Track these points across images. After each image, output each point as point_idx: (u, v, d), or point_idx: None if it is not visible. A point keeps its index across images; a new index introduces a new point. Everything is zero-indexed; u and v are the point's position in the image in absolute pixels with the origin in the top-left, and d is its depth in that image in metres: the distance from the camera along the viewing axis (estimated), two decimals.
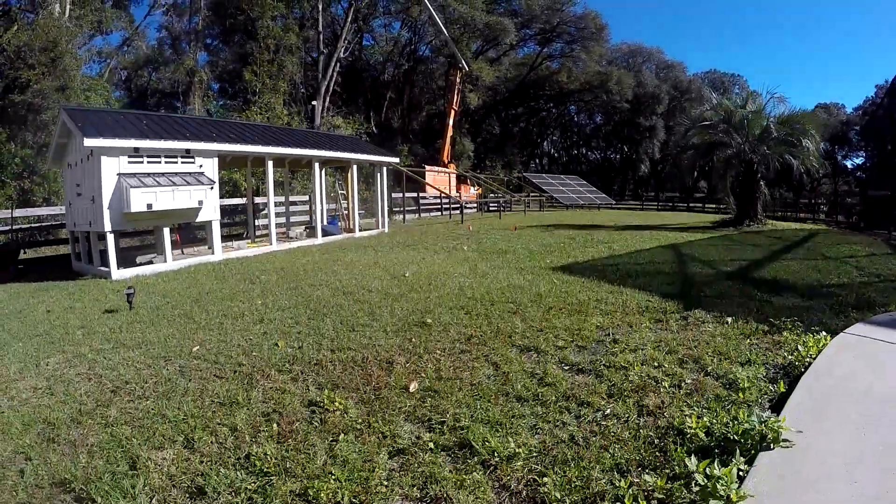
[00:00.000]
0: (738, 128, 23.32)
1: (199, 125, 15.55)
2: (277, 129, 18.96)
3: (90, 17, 34.99)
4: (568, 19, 64.36)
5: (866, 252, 14.68)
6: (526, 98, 74.64)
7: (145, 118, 14.53)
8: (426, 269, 11.77)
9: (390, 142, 61.03)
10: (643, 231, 20.88)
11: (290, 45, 42.62)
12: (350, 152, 19.57)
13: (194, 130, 14.68)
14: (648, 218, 35.34)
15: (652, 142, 77.84)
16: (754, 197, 24.48)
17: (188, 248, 17.46)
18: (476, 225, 27.15)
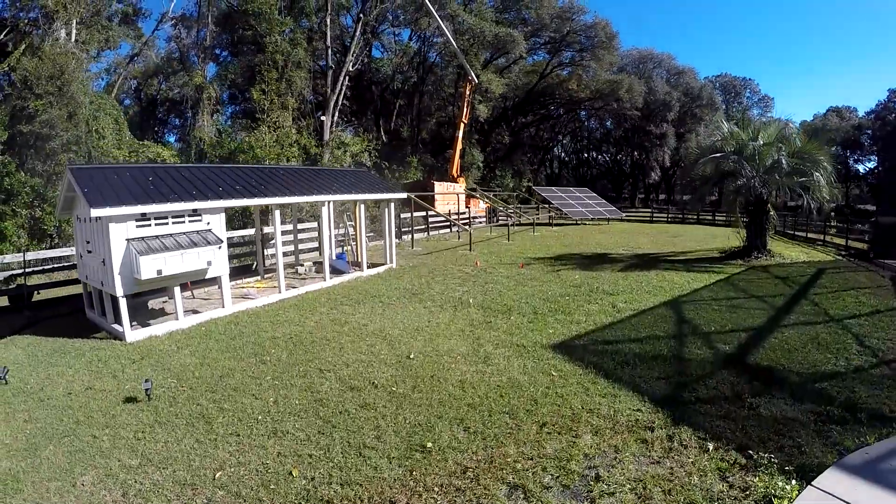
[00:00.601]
0: (750, 159, 23.18)
1: (206, 176, 15.59)
2: (285, 170, 18.92)
3: (97, 36, 35.19)
4: (578, 28, 64.44)
5: (870, 307, 14.58)
6: (536, 106, 74.65)
7: (151, 173, 14.60)
8: (430, 344, 11.81)
9: (400, 151, 61.29)
10: (649, 270, 20.76)
11: (298, 60, 42.79)
12: (357, 192, 19.60)
13: (201, 186, 14.75)
14: (657, 239, 35.28)
15: (662, 149, 77.75)
16: (763, 228, 24.44)
17: (197, 288, 17.68)
18: (484, 251, 27.26)
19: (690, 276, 19.32)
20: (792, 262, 23.15)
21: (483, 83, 54.82)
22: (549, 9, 63.45)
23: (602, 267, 21.68)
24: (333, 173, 20.70)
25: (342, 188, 19.31)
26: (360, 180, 21.10)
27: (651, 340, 11.78)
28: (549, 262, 23.64)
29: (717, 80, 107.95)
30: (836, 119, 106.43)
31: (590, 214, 48.10)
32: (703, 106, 79.84)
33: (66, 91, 26.79)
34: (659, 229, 44.93)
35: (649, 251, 28.15)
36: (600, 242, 32.60)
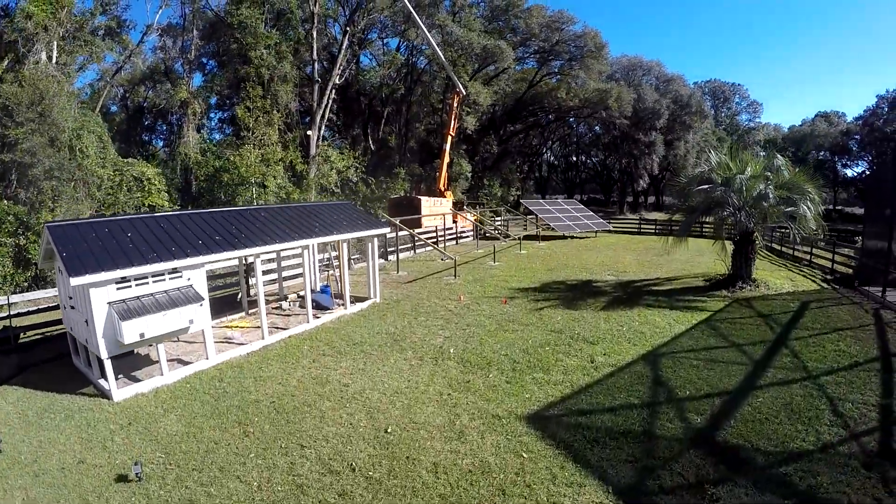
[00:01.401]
0: (738, 191, 23.25)
1: (185, 227, 15.52)
2: (266, 212, 18.76)
3: (81, 51, 34.91)
4: (567, 38, 64.60)
5: (850, 357, 14.59)
6: (525, 113, 74.68)
7: (130, 227, 14.54)
8: (408, 414, 11.82)
9: (388, 160, 61.26)
10: (632, 308, 20.73)
11: (284, 74, 42.63)
12: (339, 232, 19.58)
13: (180, 241, 14.66)
14: (643, 258, 35.47)
15: (651, 157, 77.98)
16: (749, 258, 24.52)
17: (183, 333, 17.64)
18: (469, 277, 27.31)
19: (672, 317, 19.34)
20: (776, 294, 23.17)
21: (471, 94, 54.76)
22: (539, 18, 63.51)
23: (585, 303, 21.68)
24: (315, 210, 20.59)
25: (324, 227, 19.27)
26: (342, 216, 21.05)
27: (624, 410, 11.81)
28: (533, 294, 23.65)
29: (707, 86, 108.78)
30: (824, 124, 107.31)
31: (577, 228, 48.17)
32: (693, 113, 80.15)
33: (47, 116, 26.61)
34: (646, 244, 45.00)
35: (634, 277, 28.20)
36: (585, 264, 32.62)
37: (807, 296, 22.94)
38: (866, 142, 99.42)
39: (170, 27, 47.66)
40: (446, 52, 53.88)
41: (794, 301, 21.68)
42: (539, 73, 70.17)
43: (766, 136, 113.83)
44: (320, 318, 19.78)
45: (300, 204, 20.75)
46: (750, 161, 25.11)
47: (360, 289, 24.78)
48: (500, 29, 65.43)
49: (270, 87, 42.29)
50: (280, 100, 42.53)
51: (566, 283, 26.53)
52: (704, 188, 24.13)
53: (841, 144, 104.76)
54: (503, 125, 74.70)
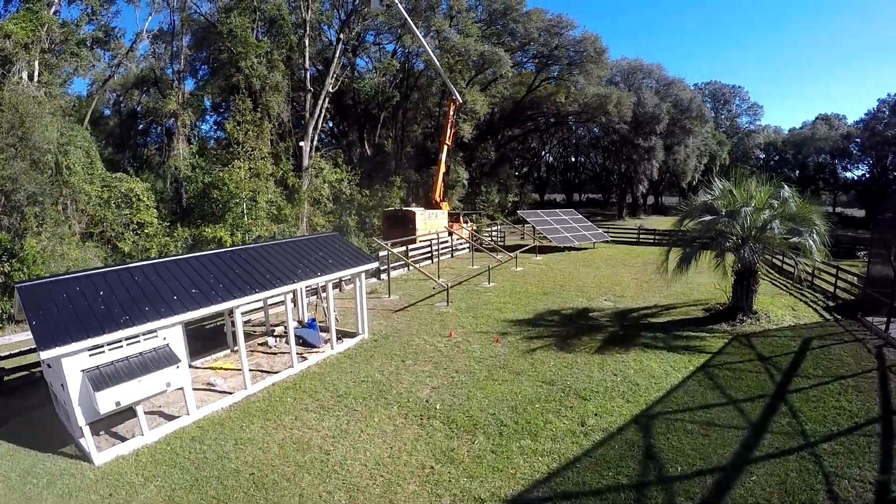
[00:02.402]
0: (743, 224, 22.62)
1: (160, 279, 14.86)
2: (247, 253, 18.01)
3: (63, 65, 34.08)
4: (566, 42, 63.66)
5: (850, 415, 14.07)
6: (523, 118, 73.97)
7: (102, 283, 13.92)
8: (388, 492, 11.29)
9: (384, 166, 60.54)
10: (628, 350, 20.01)
11: (276, 83, 41.88)
12: (326, 272, 18.96)
13: (154, 298, 13.99)
14: (642, 278, 34.86)
15: (651, 163, 77.17)
16: (750, 291, 23.87)
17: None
18: (462, 304, 26.67)
19: (670, 361, 18.68)
20: (777, 328, 22.45)
21: (468, 102, 53.95)
22: (538, 22, 62.62)
23: (579, 342, 20.98)
24: (300, 248, 19.91)
25: (310, 267, 18.65)
26: (329, 253, 20.42)
27: (611, 493, 11.23)
28: (526, 329, 22.97)
29: (707, 88, 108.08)
30: (824, 128, 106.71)
31: (575, 240, 47.50)
32: (693, 118, 79.42)
33: (28, 140, 25.95)
34: (645, 257, 44.28)
35: (632, 304, 27.61)
36: (582, 285, 32.04)
37: (808, 330, 22.28)
38: (867, 146, 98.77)
39: (162, 32, 46.82)
40: (443, 59, 53.06)
41: (795, 338, 20.99)
42: (538, 77, 69.32)
43: (767, 138, 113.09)
44: (307, 358, 19.21)
45: (285, 240, 19.98)
46: (755, 190, 24.43)
47: (349, 317, 24.23)
48: (498, 32, 64.64)
49: (262, 96, 41.55)
50: (271, 110, 41.77)
51: (561, 312, 25.89)
52: (708, 219, 23.44)
53: (841, 148, 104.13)
54: (501, 130, 73.89)
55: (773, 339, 21.01)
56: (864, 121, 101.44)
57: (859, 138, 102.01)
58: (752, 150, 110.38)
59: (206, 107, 54.38)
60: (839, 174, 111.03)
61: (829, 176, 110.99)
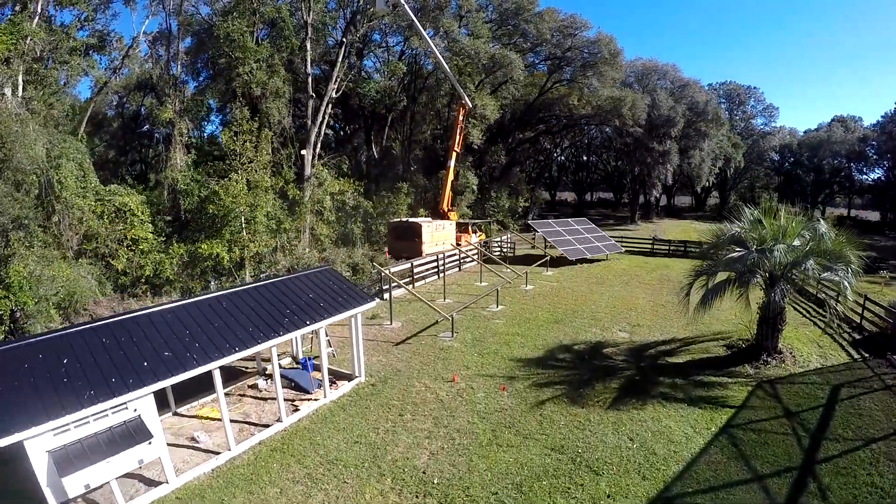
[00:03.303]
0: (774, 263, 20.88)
1: (131, 339, 13.44)
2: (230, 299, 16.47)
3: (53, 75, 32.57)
4: (580, 44, 61.70)
5: (879, 495, 12.74)
6: (534, 121, 72.23)
7: (66, 348, 12.44)
8: None
9: (392, 170, 59.07)
10: (645, 404, 18.33)
11: (276, 89, 40.28)
12: (319, 318, 17.44)
13: (122, 364, 12.56)
14: (658, 299, 33.22)
15: (665, 167, 75.16)
16: (776, 329, 22.32)
17: None
18: (468, 335, 25.05)
19: (691, 420, 17.13)
20: (803, 372, 21.08)
21: (478, 107, 52.22)
22: (550, 23, 60.58)
23: (592, 392, 19.31)
24: (289, 289, 18.28)
25: (299, 313, 17.09)
26: (321, 292, 18.86)
27: None
28: (535, 373, 21.31)
29: (722, 88, 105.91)
30: (840, 130, 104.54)
31: (588, 253, 45.86)
32: (709, 121, 77.39)
33: (10, 161, 24.54)
34: (660, 272, 42.86)
35: (649, 336, 26.03)
36: (596, 310, 30.43)
37: (835, 374, 20.80)
38: (884, 149, 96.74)
39: (161, 34, 45.27)
40: (452, 61, 51.39)
41: (822, 386, 19.61)
42: (550, 79, 67.43)
43: (782, 140, 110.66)
44: (298, 408, 17.75)
45: (272, 280, 18.40)
46: (788, 223, 22.79)
47: (346, 350, 22.62)
48: (509, 33, 62.78)
49: (261, 103, 39.94)
50: (272, 117, 40.16)
51: (573, 348, 24.24)
52: (737, 255, 21.75)
53: (858, 151, 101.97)
54: (512, 133, 72.12)
55: (799, 387, 19.61)
56: (880, 123, 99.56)
57: (875, 141, 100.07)
58: (767, 153, 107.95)
59: (210, 107, 52.96)
60: (854, 177, 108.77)
61: (844, 180, 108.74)
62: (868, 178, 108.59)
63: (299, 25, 44.60)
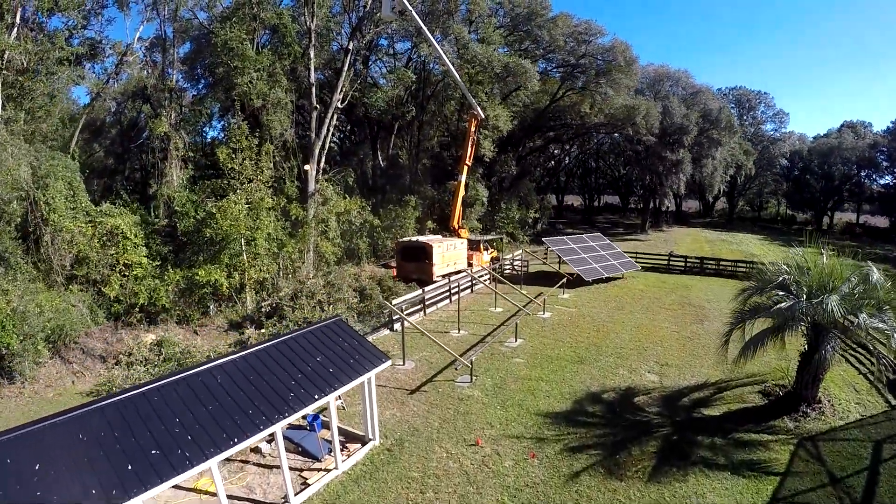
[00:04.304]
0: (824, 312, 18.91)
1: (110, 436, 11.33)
2: (224, 372, 14.16)
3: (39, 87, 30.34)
4: (594, 50, 59.49)
5: None
6: (544, 129, 70.20)
7: (38, 452, 10.46)
8: None
9: (399, 180, 57.02)
10: (686, 476, 16.39)
11: (278, 100, 38.09)
12: (328, 387, 15.28)
13: (102, 469, 10.58)
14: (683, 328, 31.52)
15: (678, 176, 73.07)
16: (818, 375, 20.50)
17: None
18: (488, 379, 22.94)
19: (736, 494, 15.58)
20: (844, 425, 19.78)
21: (490, 118, 49.99)
22: (564, 28, 58.17)
23: (630, 461, 17.29)
24: (294, 350, 16.05)
25: (306, 384, 14.94)
26: (332, 353, 16.66)
27: None
28: (565, 431, 19.35)
29: (732, 94, 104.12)
30: (850, 136, 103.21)
31: (604, 272, 43.86)
32: (722, 129, 75.30)
33: None
34: (680, 294, 41.20)
35: (679, 379, 24.31)
36: (621, 345, 28.50)
37: (876, 427, 19.72)
38: (895, 156, 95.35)
39: (158, 39, 42.81)
40: (463, 69, 49.13)
41: (864, 443, 18.41)
42: (563, 87, 65.17)
43: (792, 146, 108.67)
44: (307, 482, 15.74)
45: (274, 342, 16.19)
46: (833, 264, 20.87)
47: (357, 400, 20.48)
48: (520, 38, 60.57)
49: (262, 115, 37.71)
50: (273, 130, 37.91)
51: (603, 397, 22.26)
52: (785, 306, 19.68)
53: (868, 158, 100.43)
54: (521, 141, 69.90)
55: (841, 444, 18.37)
56: (890, 129, 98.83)
57: (886, 147, 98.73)
58: (777, 159, 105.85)
59: (211, 113, 50.56)
60: (864, 184, 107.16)
61: (854, 186, 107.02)
62: (878, 184, 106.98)
63: (302, 32, 42.39)
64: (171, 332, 28.92)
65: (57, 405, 21.72)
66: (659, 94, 75.11)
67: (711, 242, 76.33)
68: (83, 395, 23.17)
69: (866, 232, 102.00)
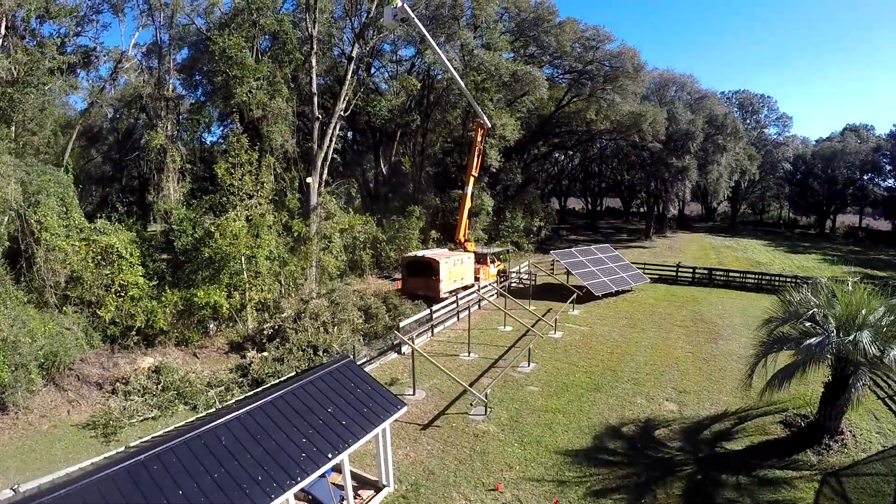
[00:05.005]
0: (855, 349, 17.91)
1: None
2: (228, 430, 12.70)
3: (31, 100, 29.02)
4: (602, 57, 58.38)
5: None
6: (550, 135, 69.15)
7: None
8: None
9: (402, 188, 55.95)
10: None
11: (278, 111, 36.84)
12: (342, 445, 14.03)
13: None
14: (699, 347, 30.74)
15: (683, 183, 72.08)
16: (842, 408, 19.83)
17: None
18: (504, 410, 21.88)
19: None
20: (866, 458, 19.27)
21: (496, 127, 48.77)
22: (571, 34, 57.06)
23: None
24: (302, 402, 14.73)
25: (320, 440, 13.75)
26: (345, 401, 15.36)
27: None
28: (587, 472, 18.29)
29: (735, 97, 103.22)
30: (854, 140, 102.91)
31: (613, 286, 42.74)
32: (728, 134, 74.29)
33: None
34: (691, 309, 40.31)
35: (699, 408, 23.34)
36: (637, 373, 27.23)
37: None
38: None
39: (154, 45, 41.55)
40: (469, 76, 47.91)
41: (888, 478, 17.99)
42: (569, 93, 63.96)
43: (795, 150, 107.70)
44: None
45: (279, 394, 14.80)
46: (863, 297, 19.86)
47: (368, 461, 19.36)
48: (526, 43, 59.46)
49: (262, 125, 36.42)
50: (274, 141, 36.62)
51: (623, 431, 21.24)
52: (815, 342, 18.57)
53: (872, 161, 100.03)
54: (527, 148, 68.65)
55: (864, 480, 17.96)
56: (893, 133, 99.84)
57: (889, 151, 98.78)
58: (781, 164, 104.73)
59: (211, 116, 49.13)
60: (868, 188, 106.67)
61: (857, 190, 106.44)
62: (881, 188, 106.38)
63: (303, 38, 41.15)
64: (170, 356, 27.91)
65: (52, 438, 21.18)
66: (664, 99, 74.09)
67: (717, 249, 75.31)
68: (78, 427, 22.16)
69: (869, 235, 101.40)
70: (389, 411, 16.02)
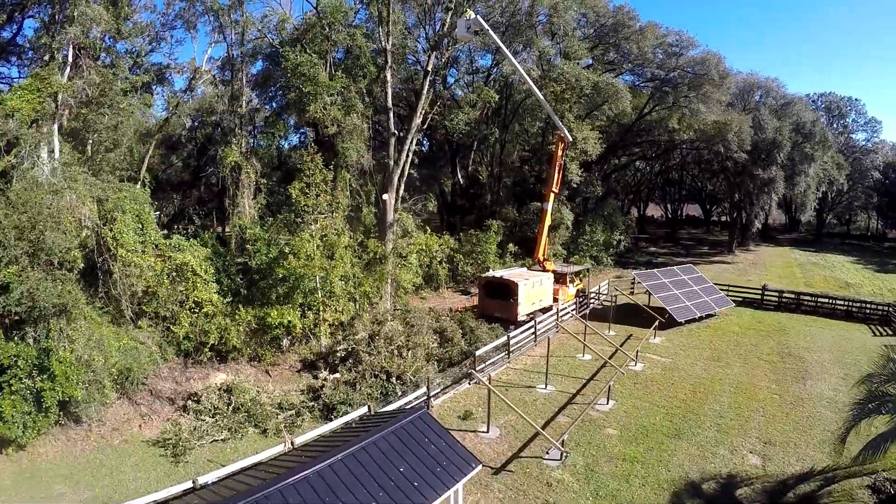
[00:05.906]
0: None
1: None
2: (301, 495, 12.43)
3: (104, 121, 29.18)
4: (685, 63, 55.88)
5: None
6: (630, 145, 67.14)
7: None
8: None
9: (479, 200, 55.26)
10: None
11: (353, 127, 36.40)
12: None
13: None
14: (784, 386, 29.44)
15: (770, 196, 68.54)
16: None
17: None
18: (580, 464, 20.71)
19: None
20: None
21: (577, 140, 47.15)
22: (653, 40, 54.67)
23: None
24: (376, 458, 13.99)
25: None
26: (417, 458, 14.52)
27: None
28: None
29: (821, 100, 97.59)
30: None
31: (697, 311, 40.73)
32: (816, 143, 70.08)
33: (41, 244, 21.47)
34: (778, 340, 38.13)
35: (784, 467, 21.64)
36: (720, 418, 25.58)
37: None
38: None
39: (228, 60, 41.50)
40: (548, 87, 46.46)
41: None
42: (650, 101, 61.51)
43: (885, 158, 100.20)
44: None
45: (352, 449, 14.13)
46: None
47: None
48: (606, 50, 57.59)
49: (337, 142, 36.01)
50: (349, 158, 36.16)
51: (703, 489, 19.95)
52: None
53: None
54: (606, 159, 66.36)
55: None
56: None
57: None
58: (870, 172, 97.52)
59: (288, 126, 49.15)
60: None
61: None
62: None
63: (377, 49, 40.59)
64: (242, 372, 28.17)
65: (122, 454, 21.67)
66: (748, 105, 70.43)
67: (802, 266, 71.06)
68: (149, 443, 22.58)
69: None
70: (463, 470, 15.18)
